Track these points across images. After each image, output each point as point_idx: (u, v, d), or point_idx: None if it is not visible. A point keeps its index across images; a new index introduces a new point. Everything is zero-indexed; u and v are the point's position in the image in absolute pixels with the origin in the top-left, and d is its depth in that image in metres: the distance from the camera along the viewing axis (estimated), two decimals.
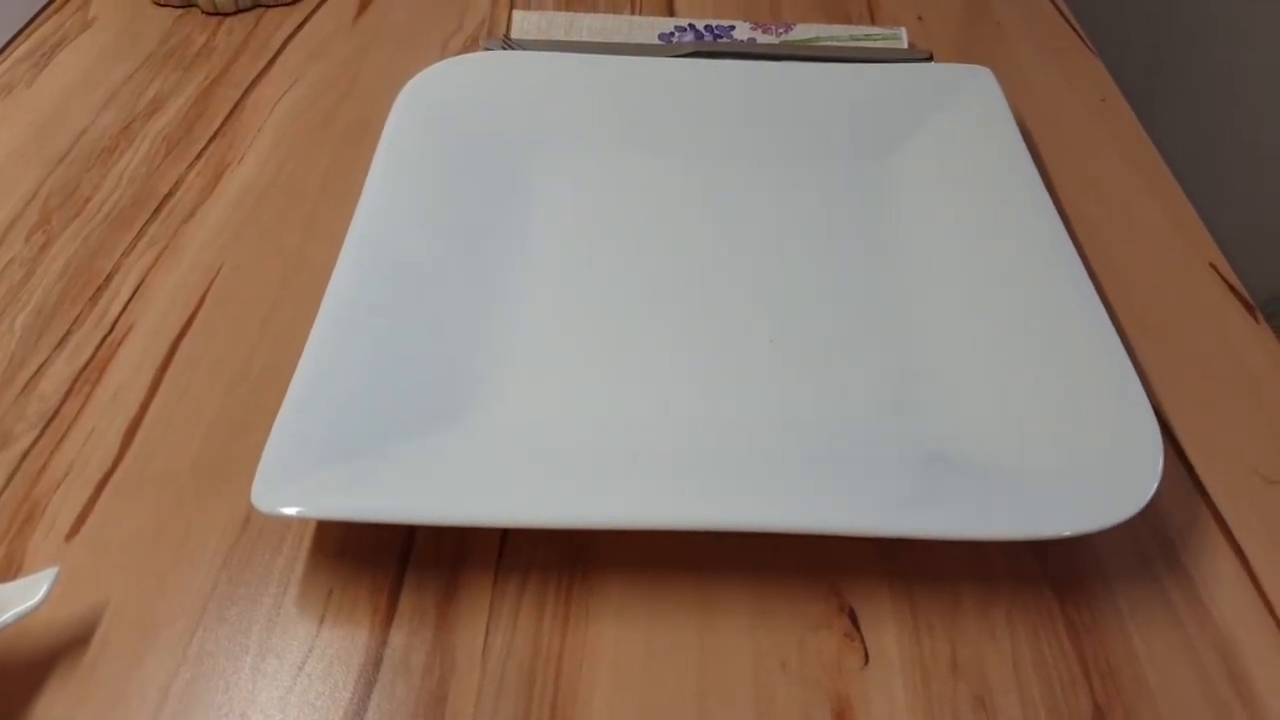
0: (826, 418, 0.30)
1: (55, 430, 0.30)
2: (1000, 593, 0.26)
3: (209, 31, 0.49)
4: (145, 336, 0.33)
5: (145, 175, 0.40)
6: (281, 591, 0.26)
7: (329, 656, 0.25)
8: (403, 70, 0.41)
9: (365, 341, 0.30)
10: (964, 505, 0.25)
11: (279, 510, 0.25)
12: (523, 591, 0.26)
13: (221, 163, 0.40)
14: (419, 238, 0.34)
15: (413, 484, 0.26)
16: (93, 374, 0.32)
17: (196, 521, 0.28)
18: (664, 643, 0.25)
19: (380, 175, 0.35)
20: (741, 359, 0.32)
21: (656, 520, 0.25)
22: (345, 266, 0.31)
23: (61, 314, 0.34)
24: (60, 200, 0.39)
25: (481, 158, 0.38)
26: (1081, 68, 0.47)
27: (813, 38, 0.48)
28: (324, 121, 0.43)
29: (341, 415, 0.27)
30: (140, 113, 0.43)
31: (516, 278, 0.34)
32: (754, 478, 0.27)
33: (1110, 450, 0.26)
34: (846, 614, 0.26)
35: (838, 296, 0.34)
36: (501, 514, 0.25)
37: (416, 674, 0.24)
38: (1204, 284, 0.36)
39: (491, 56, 0.42)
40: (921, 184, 0.38)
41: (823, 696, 0.24)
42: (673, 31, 0.49)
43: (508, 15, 0.50)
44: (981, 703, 0.24)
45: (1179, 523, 0.28)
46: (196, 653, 0.25)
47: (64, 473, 0.29)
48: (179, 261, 0.36)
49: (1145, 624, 0.26)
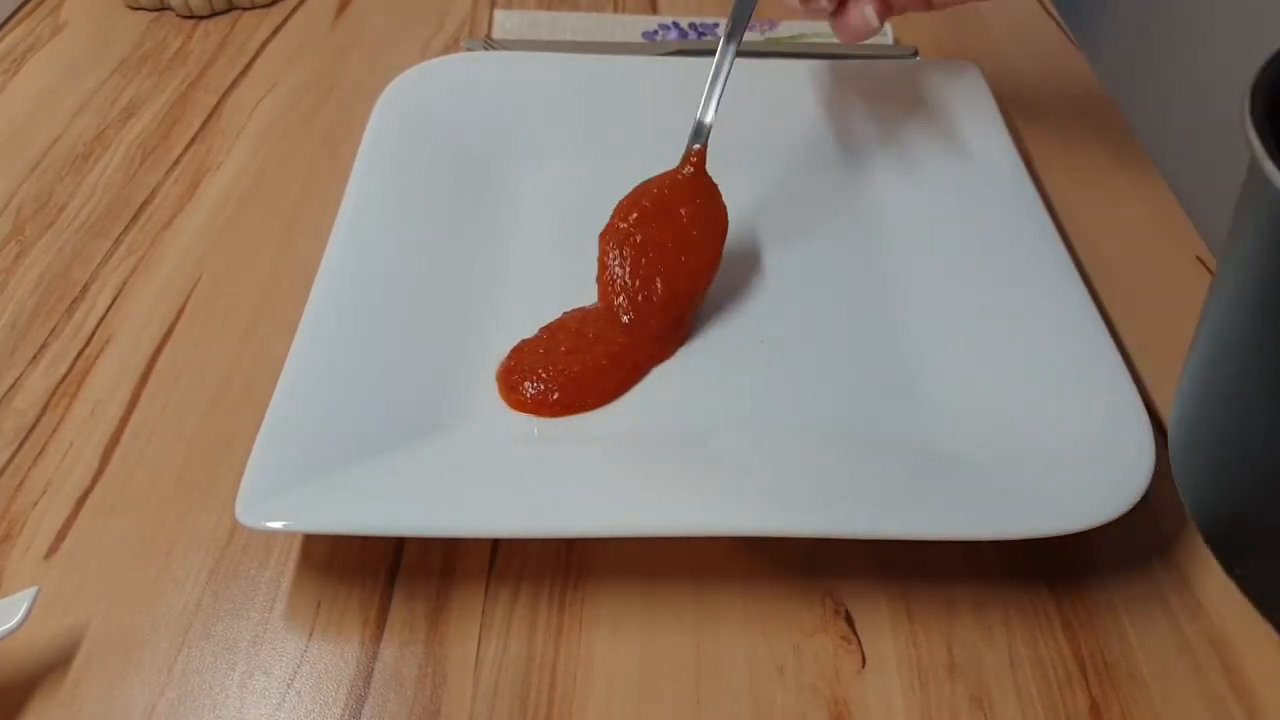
0: (817, 419, 0.30)
1: (32, 446, 0.29)
2: (996, 592, 0.26)
3: (184, 35, 0.48)
4: (124, 348, 0.32)
5: (121, 183, 0.39)
6: (268, 606, 0.26)
7: (318, 671, 0.24)
8: (383, 72, 0.41)
9: (349, 351, 0.29)
10: (957, 505, 0.25)
11: (264, 524, 0.24)
12: (515, 600, 0.26)
13: (199, 169, 0.40)
14: (402, 244, 0.33)
15: (400, 495, 0.26)
16: (70, 387, 0.31)
17: (179, 537, 0.27)
18: (659, 650, 0.25)
19: (361, 180, 0.35)
20: (732, 360, 0.31)
21: (648, 527, 0.25)
22: (327, 274, 0.31)
23: (37, 326, 0.33)
24: (34, 210, 0.38)
25: (464, 160, 0.37)
26: (1066, 62, 0.47)
27: (797, 35, 0.48)
28: (304, 125, 0.42)
29: (326, 426, 0.27)
30: (115, 119, 0.42)
31: (500, 282, 0.34)
32: (746, 481, 0.27)
33: (1102, 446, 0.26)
34: (842, 617, 0.26)
35: (826, 295, 0.34)
36: (490, 524, 0.25)
37: (408, 687, 0.24)
38: (1191, 278, 0.36)
39: (473, 57, 0.42)
40: (909, 179, 0.37)
41: (820, 701, 0.24)
42: (656, 30, 0.48)
43: (489, 15, 0.50)
44: (979, 703, 0.24)
45: (1171, 518, 0.28)
46: (182, 671, 0.24)
47: (42, 489, 0.28)
48: (157, 271, 0.35)
49: (1140, 619, 0.26)
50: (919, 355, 0.31)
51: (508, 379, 0.30)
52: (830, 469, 0.27)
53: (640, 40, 0.48)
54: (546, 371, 0.30)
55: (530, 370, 0.30)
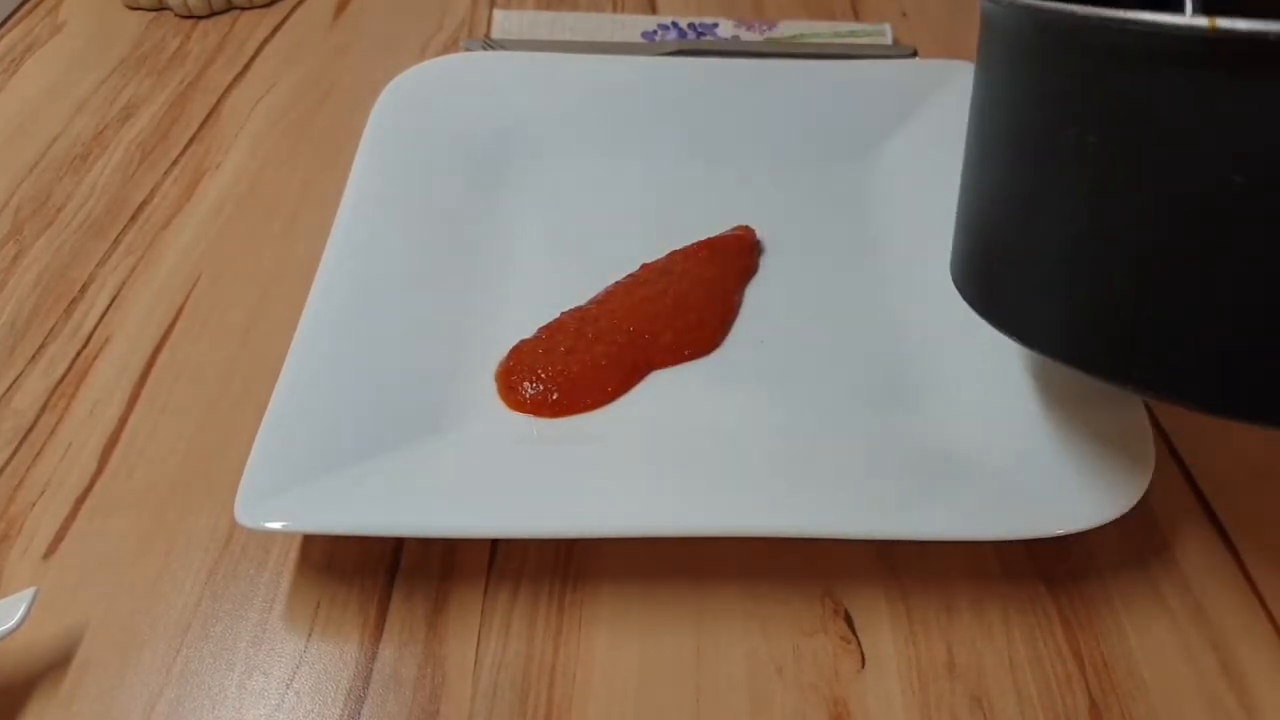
0: (817, 419, 0.30)
1: (31, 446, 0.29)
2: (995, 592, 0.26)
3: (183, 35, 0.48)
4: (122, 349, 0.32)
5: (120, 183, 0.39)
6: (267, 607, 0.26)
7: (317, 672, 0.24)
8: (382, 72, 0.41)
9: (348, 351, 0.29)
10: (956, 506, 0.25)
11: (263, 525, 0.24)
12: (514, 601, 0.26)
13: (198, 169, 0.40)
14: (401, 244, 0.33)
15: (399, 495, 0.26)
16: (69, 388, 0.31)
17: (178, 537, 0.27)
18: (658, 650, 0.25)
19: (361, 180, 0.35)
20: (732, 360, 0.31)
21: (647, 527, 0.25)
22: (326, 274, 0.31)
23: (35, 326, 0.33)
24: (32, 210, 0.38)
25: (463, 160, 0.37)
26: None
27: (796, 35, 0.48)
28: (303, 125, 0.42)
29: (326, 426, 0.27)
30: (113, 119, 0.42)
31: (500, 282, 0.34)
32: (745, 481, 0.27)
33: (1102, 446, 0.26)
34: (842, 617, 0.26)
35: (825, 295, 0.34)
36: (489, 525, 0.25)
37: (407, 687, 0.24)
38: None
39: (472, 57, 0.42)
40: (908, 180, 0.37)
41: (820, 701, 0.24)
42: (655, 30, 0.48)
43: (488, 15, 0.50)
44: (979, 702, 0.24)
45: (1171, 517, 0.28)
46: (181, 672, 0.24)
47: (40, 490, 0.28)
48: (156, 271, 0.35)
49: (1139, 619, 0.26)
50: (919, 355, 0.31)
51: (507, 379, 0.30)
52: (830, 469, 0.27)
53: (639, 40, 0.48)
54: (545, 372, 0.30)
55: (529, 370, 0.30)
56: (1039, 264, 0.22)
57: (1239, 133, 0.18)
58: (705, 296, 0.32)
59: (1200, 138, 0.18)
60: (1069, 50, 0.20)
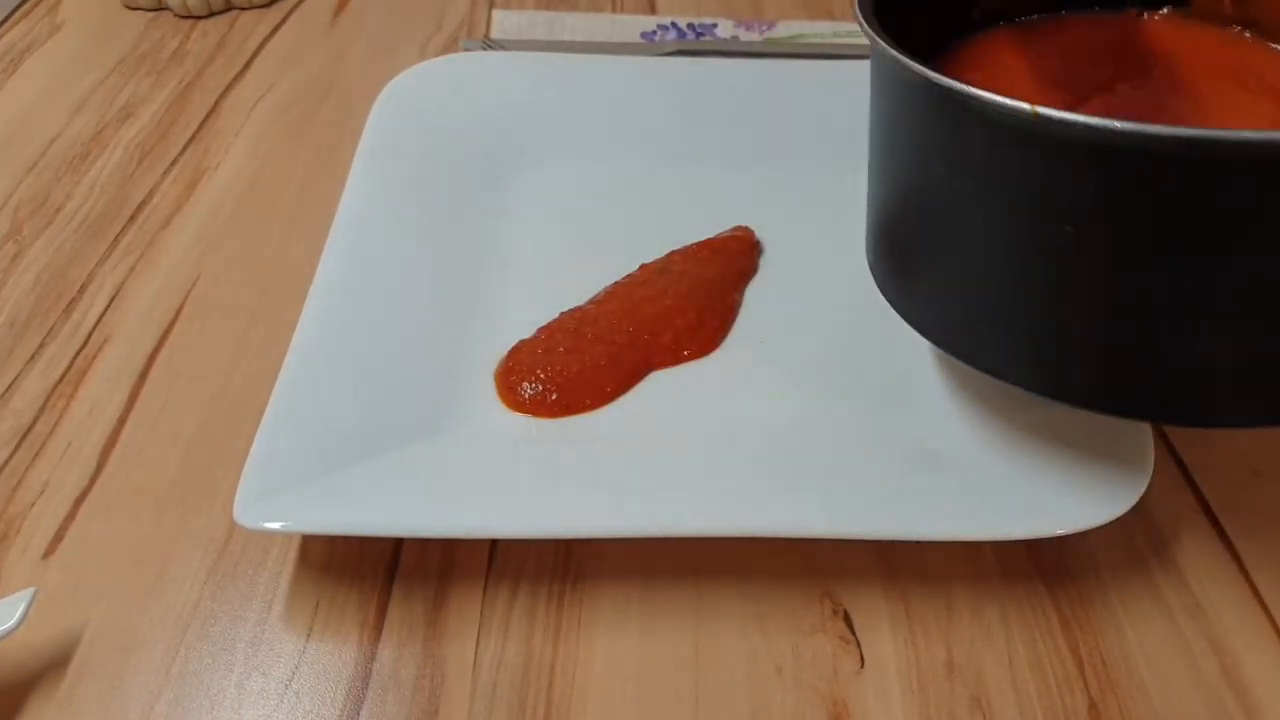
0: (817, 420, 0.30)
1: (30, 446, 0.29)
2: (994, 592, 0.26)
3: (182, 35, 0.48)
4: (122, 349, 0.32)
5: (119, 183, 0.39)
6: (266, 608, 0.26)
7: (316, 672, 0.24)
8: (381, 72, 0.41)
9: (347, 351, 0.29)
10: (956, 506, 0.25)
11: (262, 525, 0.24)
12: (513, 601, 0.26)
13: (198, 169, 0.40)
14: (400, 244, 0.33)
15: (398, 495, 0.26)
16: (68, 388, 0.31)
17: (177, 538, 0.27)
18: (657, 650, 0.25)
19: (360, 180, 0.35)
20: (731, 360, 0.31)
21: (646, 527, 0.25)
22: (326, 274, 0.31)
23: (34, 326, 0.33)
24: (31, 209, 0.38)
25: (463, 160, 0.37)
26: None
27: (796, 35, 0.48)
28: (302, 126, 0.42)
29: (325, 426, 0.27)
30: (112, 119, 0.42)
31: (500, 282, 0.34)
32: (744, 482, 0.27)
33: (1102, 446, 0.26)
34: (841, 617, 0.26)
35: (825, 295, 0.34)
36: (488, 525, 0.25)
37: (406, 688, 0.24)
38: None
39: (472, 57, 0.42)
40: None
41: (819, 701, 0.24)
42: (655, 30, 0.48)
43: (487, 15, 0.50)
44: (978, 703, 0.24)
45: (1170, 517, 0.28)
46: (180, 672, 0.24)
47: (39, 490, 0.28)
48: (155, 271, 0.35)
49: (1138, 619, 0.26)
50: (918, 355, 0.31)
51: (506, 379, 0.30)
52: (829, 469, 0.27)
53: (639, 40, 0.48)
54: (545, 372, 0.30)
55: (528, 371, 0.30)
56: (926, 272, 0.26)
57: (1065, 193, 0.21)
58: (705, 297, 0.32)
59: (1036, 191, 0.22)
60: (927, 104, 0.23)
